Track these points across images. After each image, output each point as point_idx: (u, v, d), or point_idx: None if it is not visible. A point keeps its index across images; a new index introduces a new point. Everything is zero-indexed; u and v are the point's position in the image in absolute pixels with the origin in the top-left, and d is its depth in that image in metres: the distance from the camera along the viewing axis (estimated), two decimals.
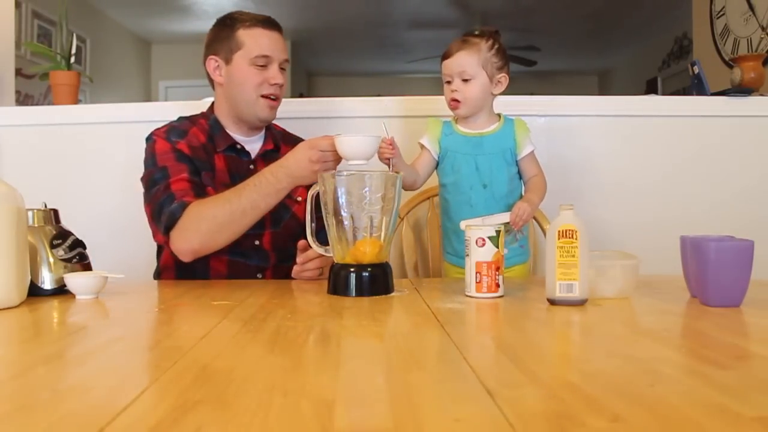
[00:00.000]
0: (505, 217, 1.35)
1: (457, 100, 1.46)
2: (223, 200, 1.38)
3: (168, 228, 1.39)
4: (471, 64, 1.44)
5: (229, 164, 1.54)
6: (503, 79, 1.48)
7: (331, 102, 2.07)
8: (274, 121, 1.62)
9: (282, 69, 1.55)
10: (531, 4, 5.77)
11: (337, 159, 1.31)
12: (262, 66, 1.51)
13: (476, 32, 1.48)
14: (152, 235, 1.47)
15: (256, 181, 1.39)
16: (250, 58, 1.51)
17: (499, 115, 1.53)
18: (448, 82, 1.48)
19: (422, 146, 1.54)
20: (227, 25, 1.55)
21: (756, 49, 3.21)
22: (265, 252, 1.53)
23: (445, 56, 1.47)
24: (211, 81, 1.59)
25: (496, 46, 1.46)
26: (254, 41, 1.51)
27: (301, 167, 1.33)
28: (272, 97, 1.54)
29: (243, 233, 1.40)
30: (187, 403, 0.55)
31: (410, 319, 1.01)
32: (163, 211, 1.40)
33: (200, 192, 1.44)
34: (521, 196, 1.52)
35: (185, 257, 1.40)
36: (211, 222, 1.37)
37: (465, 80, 1.45)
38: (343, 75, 8.52)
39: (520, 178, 1.53)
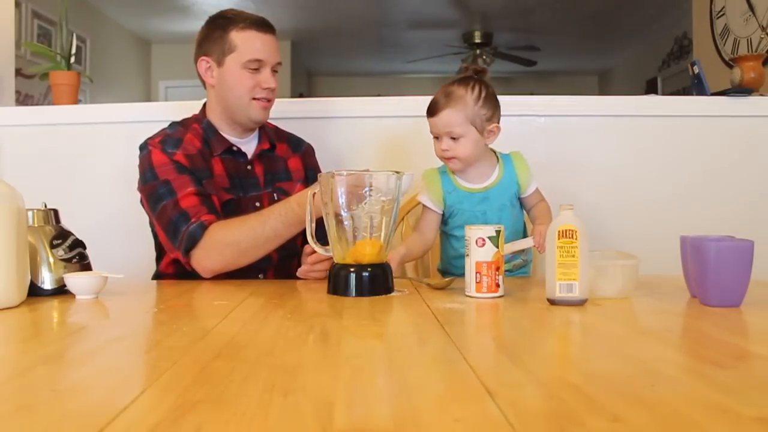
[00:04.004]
0: (529, 242, 1.32)
1: (450, 157, 1.38)
2: (248, 227, 1.38)
3: (188, 249, 1.39)
4: (458, 123, 1.34)
5: (227, 167, 1.53)
6: (495, 129, 1.38)
7: (330, 102, 2.07)
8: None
9: (274, 71, 1.53)
10: (531, 4, 5.77)
11: None
12: (254, 69, 1.49)
13: (461, 78, 1.37)
14: (168, 250, 1.46)
15: (282, 210, 1.38)
16: (243, 62, 1.48)
17: (493, 152, 1.45)
18: (437, 138, 1.39)
19: (424, 205, 1.45)
20: (219, 25, 1.51)
21: (756, 49, 3.21)
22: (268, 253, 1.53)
23: (430, 112, 1.37)
24: (203, 81, 1.57)
25: (483, 95, 1.36)
26: (247, 44, 1.48)
27: None
28: (265, 99, 1.53)
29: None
30: (187, 403, 0.55)
31: (410, 319, 1.01)
32: (179, 230, 1.39)
33: (209, 203, 1.43)
34: (524, 225, 1.51)
35: (205, 275, 1.41)
36: (235, 247, 1.38)
37: (454, 138, 1.36)
38: (343, 75, 8.52)
39: (521, 207, 1.48)
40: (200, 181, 1.45)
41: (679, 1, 4.90)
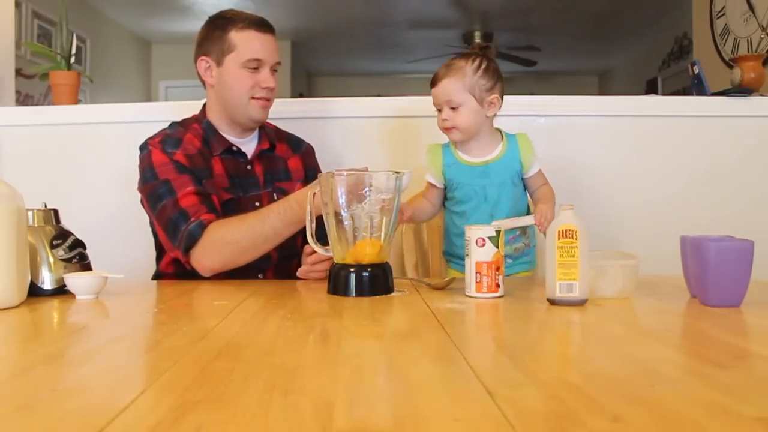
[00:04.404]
0: (530, 219, 1.32)
1: (450, 127, 1.41)
2: (246, 226, 1.38)
3: (188, 248, 1.39)
4: (456, 91, 1.38)
5: (227, 167, 1.53)
6: (495, 100, 1.41)
7: (330, 102, 2.07)
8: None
9: (274, 71, 1.54)
10: (531, 4, 5.77)
11: None
12: (253, 69, 1.49)
13: (464, 53, 1.42)
14: (167, 249, 1.46)
15: (281, 208, 1.38)
16: (242, 62, 1.48)
17: (499, 131, 1.48)
18: (439, 110, 1.42)
19: (428, 181, 1.49)
20: (218, 25, 1.52)
21: (756, 49, 3.21)
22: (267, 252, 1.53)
23: (432, 83, 1.42)
24: (203, 81, 1.57)
25: (483, 67, 1.39)
26: (246, 44, 1.49)
27: None
28: (264, 98, 1.53)
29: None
30: (187, 403, 0.55)
31: (410, 319, 1.01)
32: (178, 229, 1.39)
33: (209, 202, 1.43)
34: (528, 208, 1.51)
35: (205, 274, 1.41)
36: (234, 246, 1.38)
37: (453, 108, 1.39)
38: (343, 75, 8.52)
39: (524, 188, 1.49)
40: (200, 181, 1.45)
41: (679, 1, 4.90)
